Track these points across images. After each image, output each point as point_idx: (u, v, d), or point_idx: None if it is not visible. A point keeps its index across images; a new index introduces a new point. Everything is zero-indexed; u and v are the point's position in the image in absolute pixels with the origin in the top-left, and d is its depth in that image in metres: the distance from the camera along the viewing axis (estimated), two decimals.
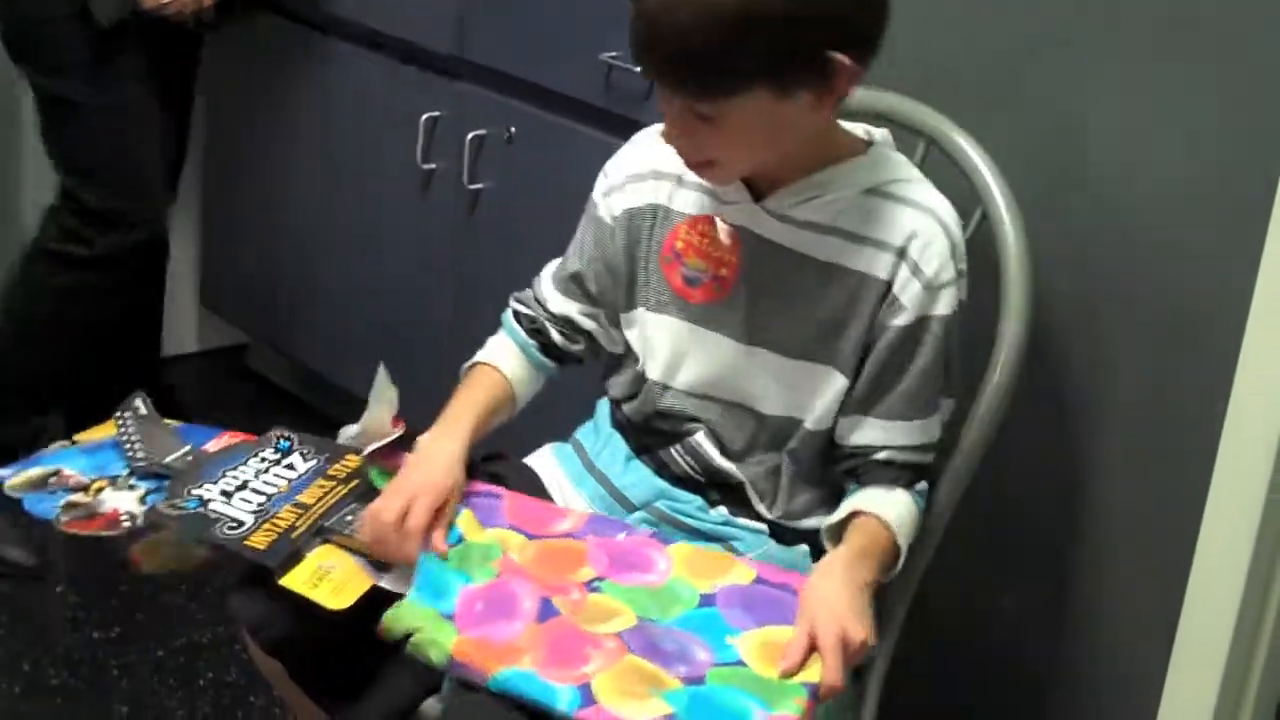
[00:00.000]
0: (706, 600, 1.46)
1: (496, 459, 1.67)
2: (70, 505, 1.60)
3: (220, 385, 1.98)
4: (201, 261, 3.14)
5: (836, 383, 1.53)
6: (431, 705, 1.51)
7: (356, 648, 1.53)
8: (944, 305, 1.50)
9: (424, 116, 2.43)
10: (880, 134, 1.57)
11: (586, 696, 1.34)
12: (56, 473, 1.64)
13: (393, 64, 2.52)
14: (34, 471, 1.65)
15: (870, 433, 1.53)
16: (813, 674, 1.37)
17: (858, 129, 1.57)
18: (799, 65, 1.41)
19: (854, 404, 1.54)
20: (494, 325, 1.75)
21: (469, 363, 1.70)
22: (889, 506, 1.51)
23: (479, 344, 1.74)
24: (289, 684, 1.58)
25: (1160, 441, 1.68)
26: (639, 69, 1.48)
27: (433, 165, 2.46)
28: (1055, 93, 1.71)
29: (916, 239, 1.49)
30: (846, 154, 1.53)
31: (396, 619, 1.43)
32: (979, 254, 1.64)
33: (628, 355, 1.64)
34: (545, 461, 1.69)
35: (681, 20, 1.38)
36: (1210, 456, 1.61)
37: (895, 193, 1.51)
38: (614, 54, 2.10)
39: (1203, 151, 1.61)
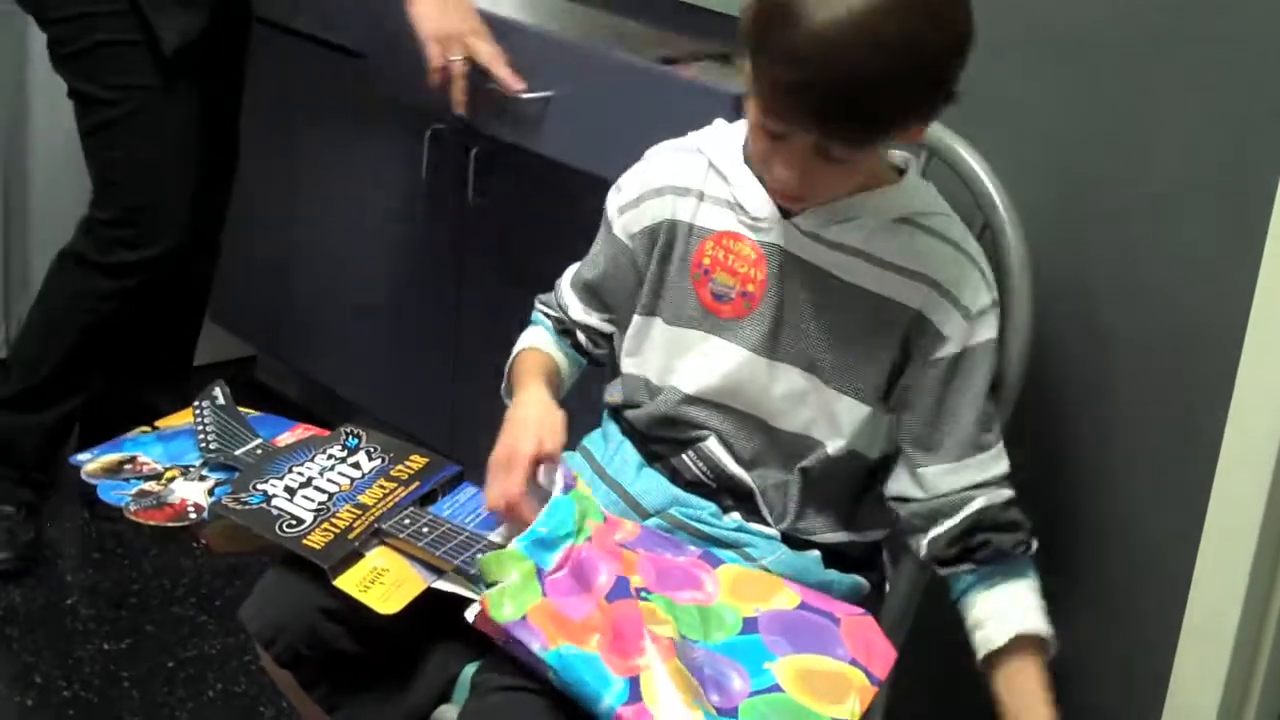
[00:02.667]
0: (749, 626, 1.45)
1: None
2: (141, 494, 1.62)
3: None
4: None
5: (859, 413, 1.54)
6: (444, 713, 1.52)
7: (369, 658, 1.54)
8: (985, 332, 1.52)
9: (428, 131, 2.45)
10: (906, 157, 1.58)
11: (634, 692, 1.33)
12: (132, 459, 1.67)
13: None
14: (110, 457, 1.68)
15: (957, 476, 1.52)
16: (843, 710, 1.37)
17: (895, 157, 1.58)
18: (945, 99, 1.41)
19: (917, 452, 1.53)
20: (497, 339, 1.76)
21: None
22: (1030, 613, 1.52)
23: (482, 357, 1.75)
24: (301, 694, 1.58)
25: (1163, 445, 1.68)
26: (777, 99, 1.38)
27: (436, 179, 2.47)
28: (1054, 101, 1.72)
29: (949, 271, 1.50)
30: (881, 181, 1.53)
31: (496, 562, 1.44)
32: None
33: (632, 362, 1.64)
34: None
35: (864, 65, 1.32)
36: (1213, 460, 1.62)
37: (926, 225, 1.52)
38: None
39: (1202, 156, 1.61)
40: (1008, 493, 1.54)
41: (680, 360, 1.59)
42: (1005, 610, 1.52)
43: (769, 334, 1.55)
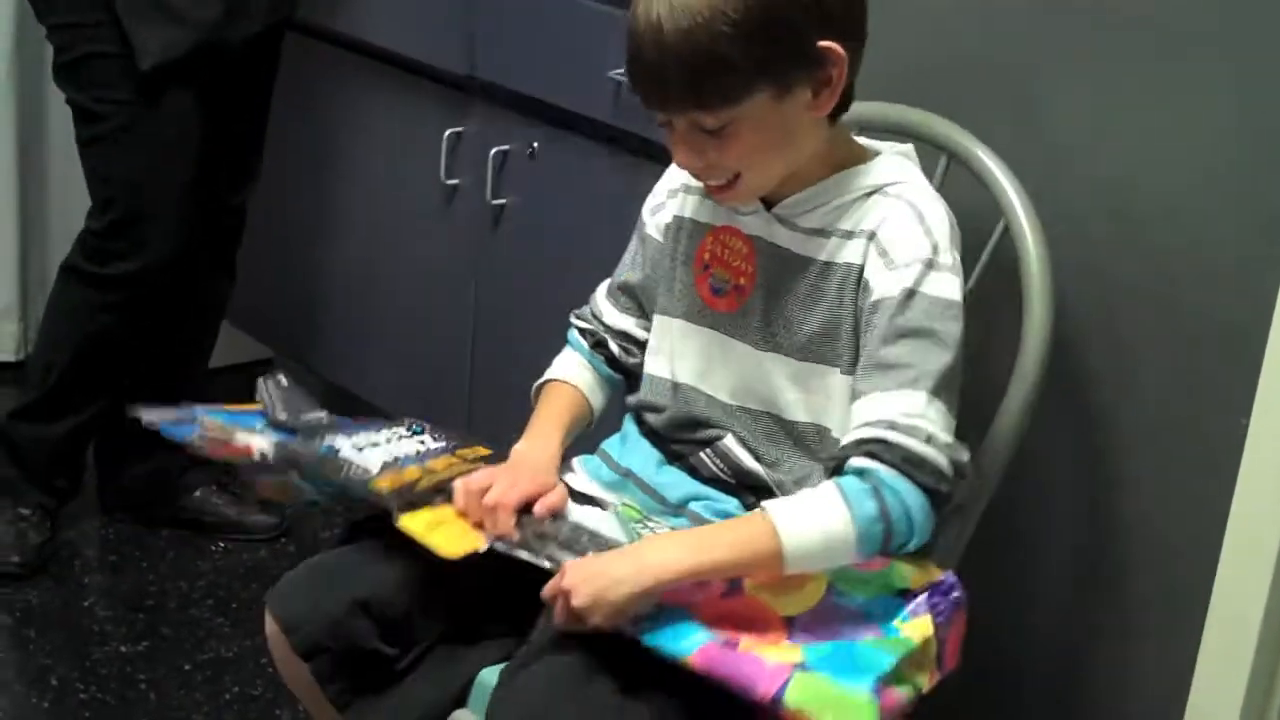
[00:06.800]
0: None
1: None
2: (206, 431, 1.63)
3: (246, 399, 2.01)
4: None
5: (842, 383, 1.53)
6: (460, 716, 1.52)
7: (386, 657, 1.54)
8: (901, 282, 1.47)
9: (447, 133, 2.44)
10: (903, 147, 1.59)
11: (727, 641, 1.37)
12: (194, 417, 1.66)
13: (415, 80, 2.53)
14: (172, 412, 1.67)
15: (869, 406, 1.47)
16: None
17: (884, 146, 1.59)
18: (791, 59, 1.45)
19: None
20: (517, 340, 1.76)
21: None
22: (789, 506, 1.44)
23: (502, 359, 1.75)
24: (312, 691, 1.57)
25: (1184, 450, 1.67)
26: (638, 97, 1.50)
27: (456, 181, 2.47)
28: (1074, 103, 1.71)
29: (886, 223, 1.50)
30: (854, 162, 1.55)
31: None
32: (1001, 267, 1.64)
33: (654, 360, 1.65)
34: (574, 472, 1.68)
35: (669, 37, 1.42)
36: (1234, 464, 1.61)
37: (893, 192, 1.53)
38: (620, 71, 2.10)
39: (1223, 158, 1.60)
40: (912, 443, 1.43)
41: (691, 359, 1.61)
42: (791, 499, 1.46)
43: (761, 326, 1.56)
